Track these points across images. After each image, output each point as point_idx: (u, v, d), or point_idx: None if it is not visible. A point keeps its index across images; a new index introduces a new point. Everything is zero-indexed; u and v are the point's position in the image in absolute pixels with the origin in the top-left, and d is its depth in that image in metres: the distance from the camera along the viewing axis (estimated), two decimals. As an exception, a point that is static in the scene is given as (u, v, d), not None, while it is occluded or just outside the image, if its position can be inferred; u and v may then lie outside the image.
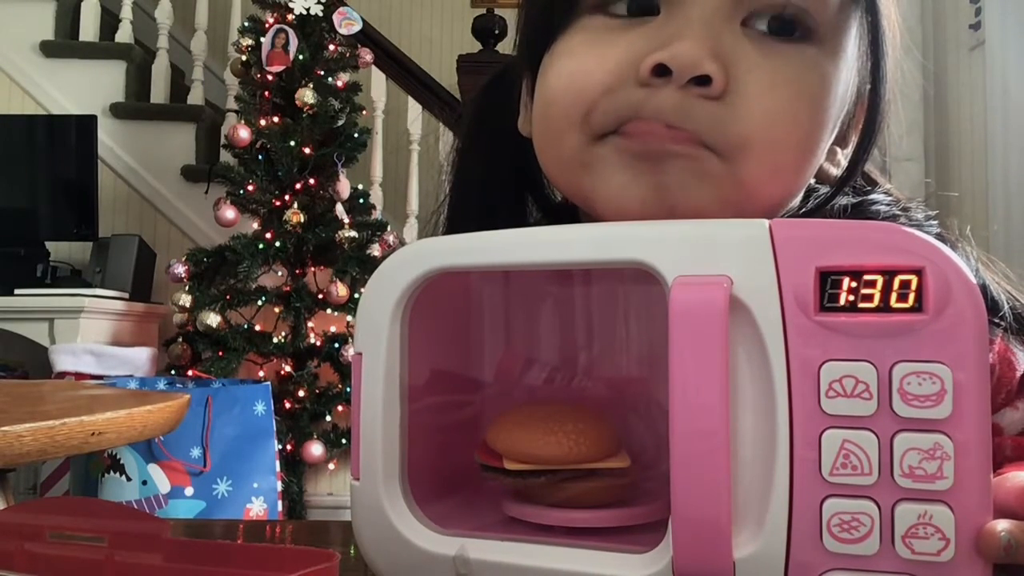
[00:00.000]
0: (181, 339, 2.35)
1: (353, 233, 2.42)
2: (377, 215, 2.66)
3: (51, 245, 2.78)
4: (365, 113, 2.70)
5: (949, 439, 0.29)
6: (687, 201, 0.42)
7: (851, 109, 0.48)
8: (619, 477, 0.39)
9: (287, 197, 2.43)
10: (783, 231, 0.32)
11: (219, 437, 1.84)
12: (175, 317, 2.39)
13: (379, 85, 2.91)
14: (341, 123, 2.55)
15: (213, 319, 2.28)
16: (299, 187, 2.44)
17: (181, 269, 2.37)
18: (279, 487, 1.94)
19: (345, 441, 2.37)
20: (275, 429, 1.96)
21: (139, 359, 2.40)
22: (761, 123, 0.41)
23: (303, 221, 2.39)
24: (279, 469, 1.96)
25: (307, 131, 2.47)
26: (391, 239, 2.49)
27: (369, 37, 2.79)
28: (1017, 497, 0.31)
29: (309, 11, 2.52)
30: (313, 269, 2.47)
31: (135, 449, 1.74)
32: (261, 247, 2.38)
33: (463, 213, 0.57)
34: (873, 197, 0.51)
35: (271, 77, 2.48)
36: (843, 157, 0.50)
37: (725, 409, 0.31)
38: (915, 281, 0.30)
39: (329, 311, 2.40)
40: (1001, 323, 0.46)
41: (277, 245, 2.39)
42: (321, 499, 2.44)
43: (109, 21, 3.17)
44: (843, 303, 0.31)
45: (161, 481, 1.77)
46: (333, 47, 2.59)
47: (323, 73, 2.52)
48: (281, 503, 1.95)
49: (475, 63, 2.52)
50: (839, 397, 0.30)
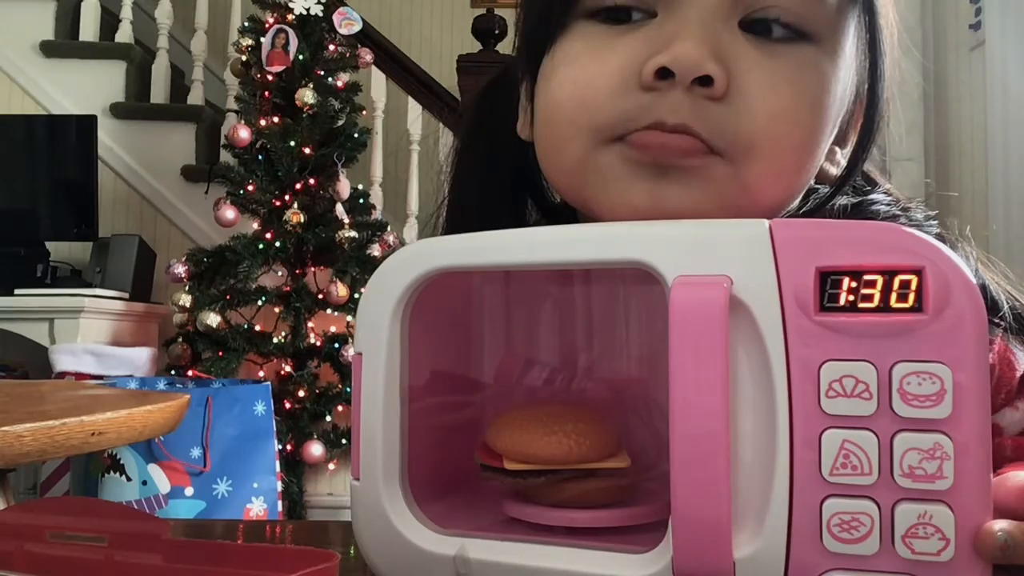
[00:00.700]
0: (181, 339, 2.35)
1: (353, 233, 2.42)
2: (377, 215, 2.66)
3: (51, 245, 2.78)
4: (365, 113, 2.70)
5: (949, 439, 0.29)
6: (689, 211, 0.42)
7: (850, 109, 0.48)
8: (619, 477, 0.39)
9: (287, 197, 2.43)
10: (783, 231, 0.32)
11: (219, 437, 1.84)
12: (175, 317, 2.39)
13: (379, 85, 2.91)
14: (341, 123, 2.56)
15: (213, 319, 2.28)
16: (299, 187, 2.44)
17: (181, 269, 2.37)
18: (279, 487, 1.94)
19: (345, 441, 2.37)
20: (275, 429, 1.96)
21: (139, 359, 2.40)
22: (765, 123, 0.41)
23: (303, 221, 2.39)
24: (279, 469, 1.96)
25: (307, 131, 2.47)
26: (391, 239, 2.49)
27: (369, 37, 2.79)
28: (1017, 497, 0.31)
29: (309, 11, 2.52)
30: (313, 269, 2.47)
31: (135, 449, 1.74)
32: (261, 247, 2.38)
33: (462, 215, 0.57)
34: (873, 197, 0.51)
35: (271, 77, 2.48)
36: (843, 157, 0.50)
37: (725, 409, 0.31)
38: (915, 281, 0.30)
39: (329, 311, 2.40)
40: (1001, 323, 0.46)
41: (277, 245, 2.39)
42: (321, 499, 2.44)
43: (109, 21, 3.17)
44: (843, 303, 0.31)
45: (161, 481, 1.77)
46: (333, 47, 2.59)
47: (323, 73, 2.52)
48: (281, 503, 1.95)
49: (475, 63, 2.52)
50: (839, 397, 0.30)
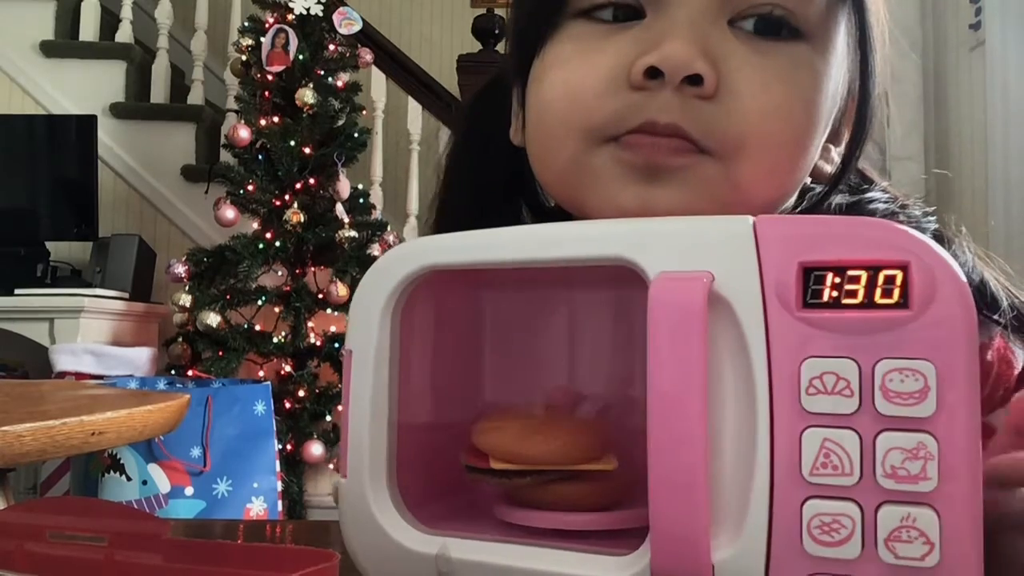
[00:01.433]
0: (181, 339, 2.35)
1: (353, 233, 2.42)
2: (377, 215, 2.66)
3: (51, 245, 2.78)
4: (365, 113, 2.70)
5: (933, 438, 0.28)
6: (679, 213, 0.41)
7: (843, 106, 0.48)
8: (606, 480, 0.39)
9: (287, 197, 2.43)
10: (767, 227, 0.32)
11: (219, 437, 1.84)
12: (175, 317, 2.39)
13: (379, 85, 2.91)
14: (341, 123, 2.55)
15: (213, 319, 2.28)
16: (299, 187, 2.44)
17: (181, 269, 2.37)
18: (279, 487, 1.93)
19: (345, 441, 2.36)
20: (275, 429, 1.96)
21: (139, 359, 2.40)
22: (756, 121, 0.41)
23: (303, 221, 2.39)
24: (279, 469, 1.96)
25: (307, 131, 2.47)
26: (391, 239, 2.49)
27: (369, 37, 2.79)
28: None
29: (309, 11, 2.52)
30: (313, 269, 2.47)
31: (135, 449, 1.74)
32: (261, 247, 2.38)
33: (454, 220, 0.56)
34: (870, 195, 0.51)
35: (271, 77, 2.48)
36: (837, 155, 0.49)
37: (703, 408, 0.30)
38: (900, 276, 0.29)
39: (329, 311, 2.40)
40: (1000, 321, 0.45)
41: (277, 245, 2.39)
42: (321, 499, 2.44)
43: (109, 21, 3.17)
44: (827, 299, 0.30)
45: (161, 481, 1.77)
46: (333, 47, 2.59)
47: (323, 73, 2.52)
48: (281, 503, 1.95)
49: (475, 63, 2.53)
50: (820, 394, 0.29)
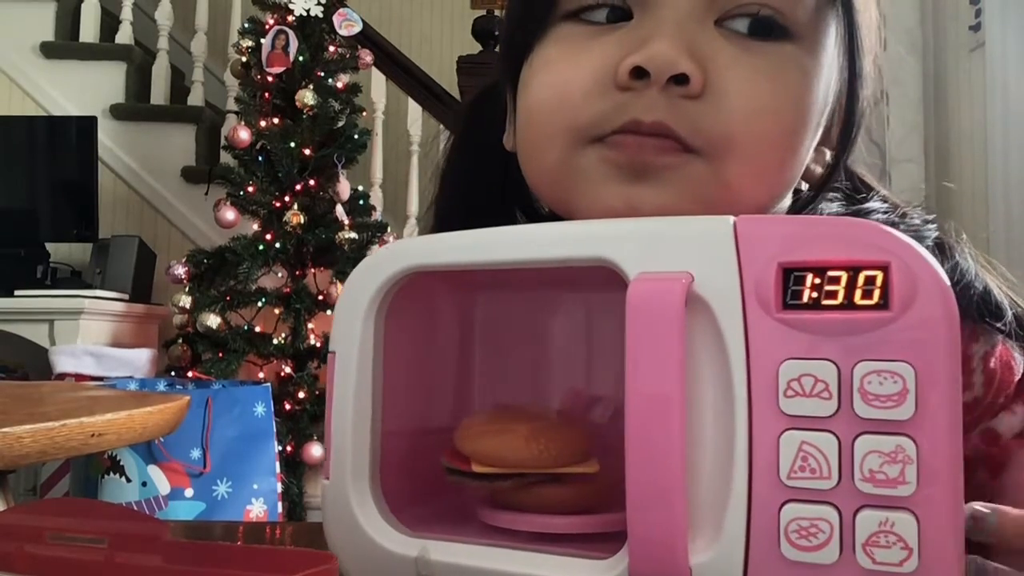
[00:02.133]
0: (181, 340, 2.35)
1: (353, 234, 2.42)
2: (377, 216, 2.66)
3: (51, 246, 2.78)
4: (365, 114, 2.70)
5: (912, 441, 0.28)
6: (666, 213, 0.41)
7: (834, 108, 0.47)
8: (589, 483, 0.39)
9: (287, 198, 2.43)
10: (747, 227, 0.31)
11: (219, 438, 1.84)
12: (175, 318, 2.39)
13: (379, 86, 2.91)
14: (341, 124, 2.55)
15: (213, 320, 2.28)
16: (299, 188, 2.44)
17: (181, 270, 2.37)
18: (279, 488, 1.93)
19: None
20: (275, 430, 1.96)
21: (139, 360, 2.40)
22: (743, 120, 0.41)
23: (303, 222, 2.38)
24: (279, 470, 1.95)
25: (307, 132, 2.47)
26: (391, 240, 2.49)
27: (369, 38, 2.79)
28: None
29: (309, 12, 2.52)
30: (313, 270, 2.47)
31: (135, 450, 1.74)
32: (261, 248, 2.38)
33: (449, 226, 0.56)
34: (868, 206, 0.50)
35: (271, 78, 2.48)
36: (831, 157, 0.49)
37: (681, 410, 0.30)
38: (880, 277, 0.29)
39: (329, 312, 2.40)
40: (1004, 329, 0.45)
41: (277, 246, 2.39)
42: (321, 501, 2.43)
43: (109, 22, 3.17)
44: (806, 300, 0.30)
45: (161, 482, 1.77)
46: (333, 48, 2.59)
47: (323, 74, 2.52)
48: (281, 504, 1.95)
49: (475, 64, 2.52)
50: (797, 397, 0.29)
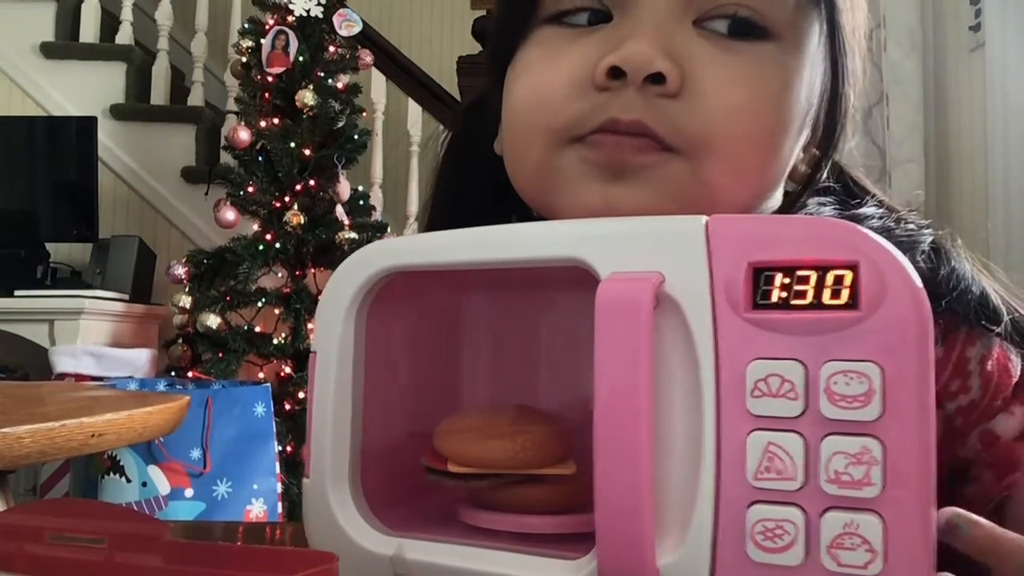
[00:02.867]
0: (181, 340, 2.35)
1: (353, 235, 2.42)
2: (377, 216, 2.66)
3: (51, 246, 2.78)
4: (365, 115, 2.70)
5: (879, 443, 0.27)
6: (646, 212, 0.41)
7: (820, 108, 0.47)
8: (567, 484, 0.39)
9: (287, 198, 2.43)
10: (718, 227, 0.31)
11: (219, 438, 1.84)
12: (175, 318, 2.39)
13: (379, 87, 2.91)
14: (341, 125, 2.55)
15: (213, 320, 2.28)
16: (299, 188, 2.44)
17: (181, 270, 2.37)
18: (279, 489, 1.93)
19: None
20: (275, 431, 1.96)
21: (139, 360, 2.40)
22: (722, 119, 0.41)
23: (303, 223, 2.38)
24: (279, 471, 1.95)
25: (307, 133, 2.46)
26: (391, 240, 2.48)
27: (369, 38, 2.79)
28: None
29: (309, 13, 2.52)
30: (313, 270, 2.47)
31: (135, 450, 1.73)
32: (261, 248, 2.38)
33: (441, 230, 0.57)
34: (863, 211, 0.49)
35: (271, 79, 2.48)
36: (816, 157, 0.49)
37: (648, 411, 0.30)
38: (849, 277, 0.29)
39: (329, 312, 2.39)
40: (1001, 332, 0.45)
41: (277, 246, 2.39)
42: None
43: (109, 22, 3.17)
44: (776, 300, 0.30)
45: (161, 482, 1.77)
46: (333, 49, 2.59)
47: (323, 75, 2.52)
48: (281, 505, 1.95)
49: (475, 64, 2.52)
50: (764, 397, 0.29)
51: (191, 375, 2.25)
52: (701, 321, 0.30)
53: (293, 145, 2.44)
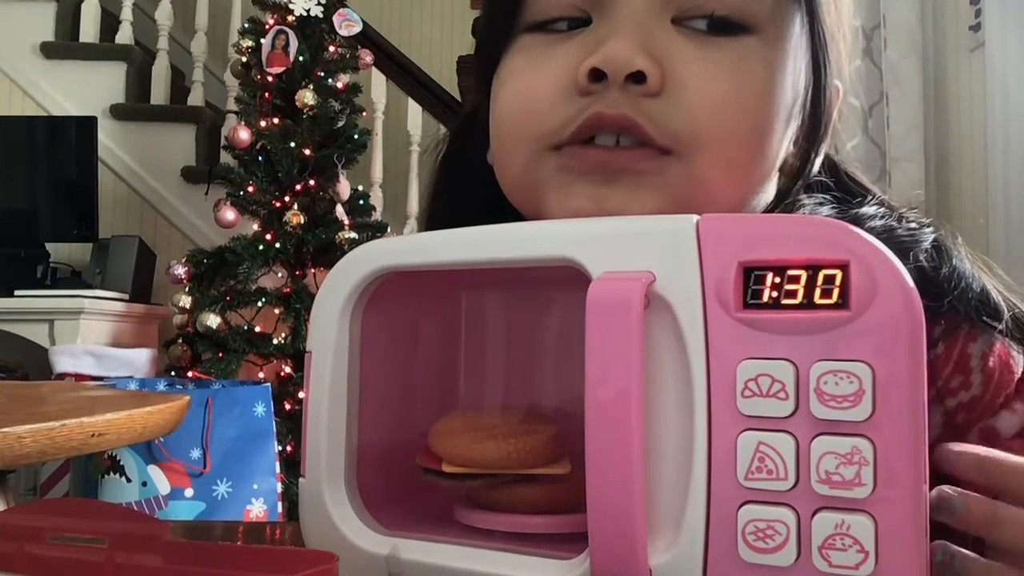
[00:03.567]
0: (181, 340, 2.35)
1: (353, 234, 2.41)
2: (377, 216, 2.66)
3: (51, 246, 2.78)
4: (365, 114, 2.70)
5: (870, 443, 0.27)
6: (637, 213, 0.41)
7: (805, 100, 0.47)
8: (562, 484, 0.39)
9: (287, 198, 2.43)
10: (709, 226, 0.31)
11: (219, 438, 1.84)
12: (175, 318, 2.39)
13: (379, 86, 2.91)
14: (341, 124, 2.55)
15: (213, 320, 2.28)
16: (299, 188, 2.44)
17: (181, 270, 2.37)
18: (279, 488, 1.93)
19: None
20: (275, 430, 1.96)
21: (139, 360, 2.40)
22: (707, 114, 0.41)
23: (303, 222, 2.38)
24: (279, 470, 1.95)
25: (307, 132, 2.46)
26: (391, 240, 2.48)
27: (369, 38, 2.79)
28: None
29: (309, 12, 2.51)
30: (313, 270, 2.47)
31: (135, 450, 1.73)
32: (261, 248, 2.38)
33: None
34: (863, 211, 0.49)
35: (271, 78, 2.48)
36: (803, 149, 0.49)
37: (639, 411, 0.30)
38: (839, 276, 0.29)
39: (329, 312, 2.39)
40: (1002, 329, 0.45)
41: (277, 246, 2.39)
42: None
43: (109, 22, 3.17)
44: (766, 299, 0.30)
45: (161, 482, 1.77)
46: (333, 48, 2.59)
47: (323, 74, 2.52)
48: (281, 504, 1.94)
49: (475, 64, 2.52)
50: (755, 397, 0.29)
51: (191, 375, 2.25)
52: (692, 321, 0.30)
53: (293, 145, 2.44)
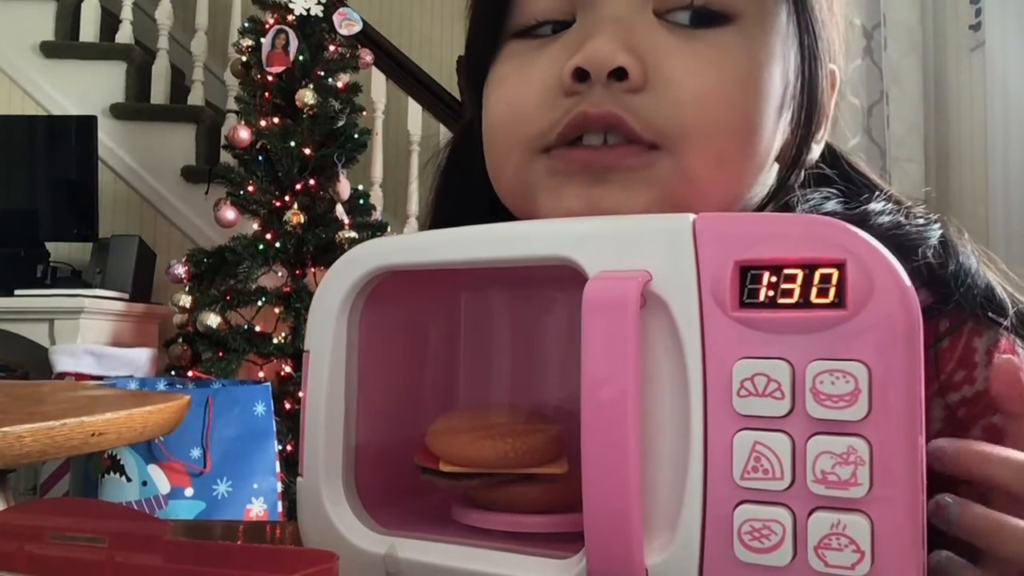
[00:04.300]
0: (181, 340, 2.35)
1: (353, 234, 2.41)
2: (377, 216, 2.66)
3: (51, 246, 2.78)
4: (365, 114, 2.70)
5: (866, 442, 0.27)
6: (629, 212, 0.41)
7: (796, 89, 0.46)
8: (559, 483, 0.39)
9: (287, 198, 2.43)
10: (706, 225, 0.31)
11: (219, 438, 1.84)
12: (175, 318, 2.39)
13: (379, 86, 2.91)
14: (341, 124, 2.55)
15: (213, 320, 2.28)
16: (299, 188, 2.44)
17: (181, 270, 2.37)
18: (279, 488, 1.93)
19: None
20: (275, 430, 1.96)
21: (139, 360, 2.40)
22: (692, 107, 0.41)
23: (303, 222, 2.38)
24: (279, 470, 1.95)
25: (307, 132, 2.46)
26: (391, 240, 2.48)
27: (369, 38, 2.79)
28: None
29: (309, 12, 2.51)
30: (313, 270, 2.47)
31: (135, 450, 1.74)
32: (261, 248, 2.38)
33: None
34: (871, 207, 0.48)
35: (271, 78, 2.48)
36: (815, 142, 0.48)
37: (635, 410, 0.30)
38: (836, 275, 0.29)
39: (329, 312, 2.39)
40: (1007, 325, 0.45)
41: (277, 246, 2.39)
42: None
43: (109, 22, 3.17)
44: (763, 299, 0.29)
45: (161, 482, 1.77)
46: (333, 48, 2.59)
47: (323, 74, 2.52)
48: (281, 504, 1.94)
49: (475, 64, 2.52)
50: (751, 396, 0.29)
51: (191, 374, 2.25)
52: (688, 320, 0.30)
53: (293, 144, 2.44)
